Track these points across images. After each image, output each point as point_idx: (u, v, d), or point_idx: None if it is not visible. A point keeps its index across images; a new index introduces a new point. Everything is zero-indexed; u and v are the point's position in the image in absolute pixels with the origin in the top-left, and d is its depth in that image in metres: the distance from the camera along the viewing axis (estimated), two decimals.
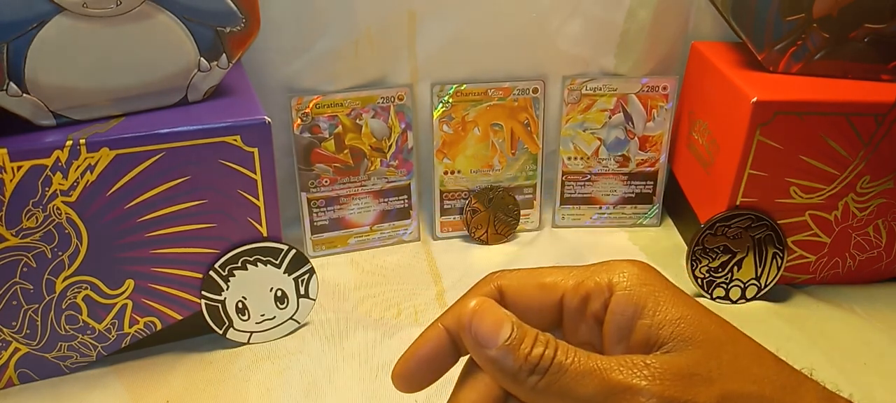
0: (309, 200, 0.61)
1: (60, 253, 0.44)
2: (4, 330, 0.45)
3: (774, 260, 0.57)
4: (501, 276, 0.31)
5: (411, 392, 0.31)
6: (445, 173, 0.64)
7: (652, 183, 0.67)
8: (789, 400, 0.25)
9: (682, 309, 0.27)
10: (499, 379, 0.27)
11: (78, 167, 0.42)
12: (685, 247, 0.63)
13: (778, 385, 0.25)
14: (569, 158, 0.67)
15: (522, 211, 0.66)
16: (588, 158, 0.67)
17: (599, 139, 0.66)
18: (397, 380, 0.31)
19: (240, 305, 0.50)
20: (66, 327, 0.46)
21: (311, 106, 0.59)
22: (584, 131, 0.66)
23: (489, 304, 0.27)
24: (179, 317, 0.49)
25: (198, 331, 0.51)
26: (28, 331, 0.46)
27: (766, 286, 0.58)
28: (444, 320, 0.30)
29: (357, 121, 0.61)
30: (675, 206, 0.69)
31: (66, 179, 0.42)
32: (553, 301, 0.30)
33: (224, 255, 0.48)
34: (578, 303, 0.29)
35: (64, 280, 0.45)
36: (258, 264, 0.49)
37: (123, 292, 0.47)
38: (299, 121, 0.59)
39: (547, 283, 0.30)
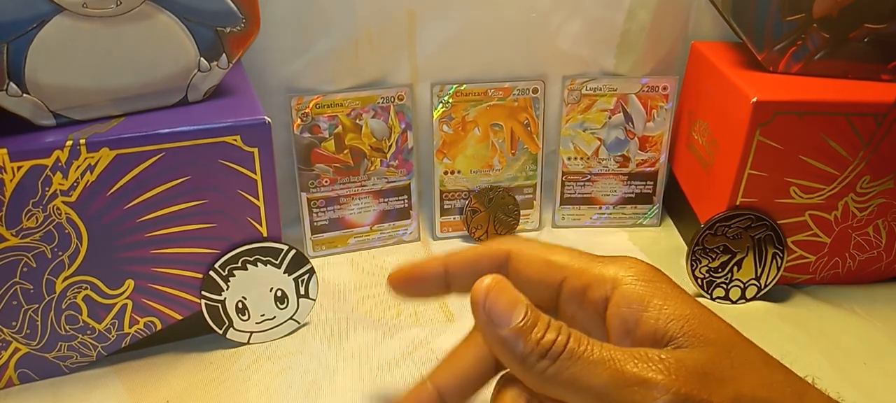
0: (309, 200, 0.61)
1: (60, 253, 0.44)
2: (4, 330, 0.45)
3: (774, 261, 0.57)
4: (513, 241, 0.31)
5: (401, 296, 0.32)
6: (445, 173, 0.64)
7: (652, 183, 0.67)
8: None
9: (691, 307, 0.26)
10: (507, 362, 0.26)
11: (78, 167, 0.42)
12: (685, 247, 0.63)
13: (788, 391, 0.25)
14: (569, 158, 0.67)
15: (522, 212, 0.66)
16: (588, 158, 0.67)
17: (599, 139, 0.66)
18: (391, 283, 0.32)
19: (240, 305, 0.50)
20: (66, 327, 0.46)
21: (311, 106, 0.59)
22: (584, 131, 0.66)
23: (505, 284, 0.26)
24: (179, 317, 0.49)
25: (198, 331, 0.51)
26: (28, 331, 0.46)
27: (766, 286, 0.58)
28: (448, 259, 0.30)
29: (357, 121, 0.61)
30: (675, 206, 0.69)
31: (66, 179, 0.42)
32: (555, 280, 0.29)
33: (224, 255, 0.48)
34: (579, 288, 0.29)
35: (64, 280, 0.45)
36: (258, 264, 0.49)
37: (123, 292, 0.47)
38: (299, 121, 0.59)
39: (553, 261, 0.30)
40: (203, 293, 0.49)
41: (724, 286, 0.58)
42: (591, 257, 0.29)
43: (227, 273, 0.49)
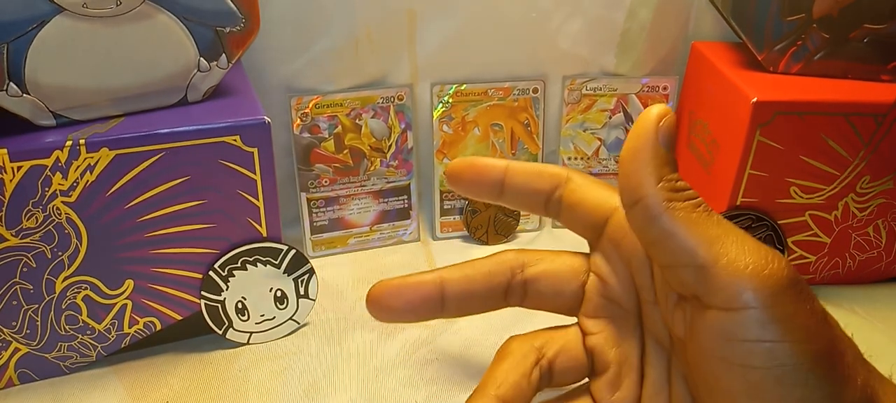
0: (308, 200, 0.61)
1: (60, 253, 0.44)
2: (4, 330, 0.45)
3: None
4: (571, 169, 0.32)
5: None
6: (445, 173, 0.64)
7: None
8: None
9: None
10: (645, 176, 0.26)
11: (78, 167, 0.42)
12: None
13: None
14: (569, 158, 0.67)
15: (522, 211, 0.66)
16: (588, 158, 0.67)
17: (600, 139, 0.66)
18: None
19: (239, 305, 0.50)
20: (66, 327, 0.46)
21: (310, 106, 0.59)
22: (584, 131, 0.66)
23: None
24: (179, 317, 0.49)
25: (198, 331, 0.51)
26: (28, 331, 0.46)
27: None
28: (509, 167, 0.32)
29: (357, 121, 0.61)
30: None
31: (66, 179, 0.42)
32: (606, 211, 0.31)
33: (224, 255, 0.48)
34: (626, 228, 0.29)
35: (64, 280, 0.45)
36: (258, 264, 0.49)
37: (123, 292, 0.47)
38: (299, 121, 0.59)
39: (610, 194, 0.31)
40: (203, 293, 0.49)
41: None
42: None
43: (226, 273, 0.49)
